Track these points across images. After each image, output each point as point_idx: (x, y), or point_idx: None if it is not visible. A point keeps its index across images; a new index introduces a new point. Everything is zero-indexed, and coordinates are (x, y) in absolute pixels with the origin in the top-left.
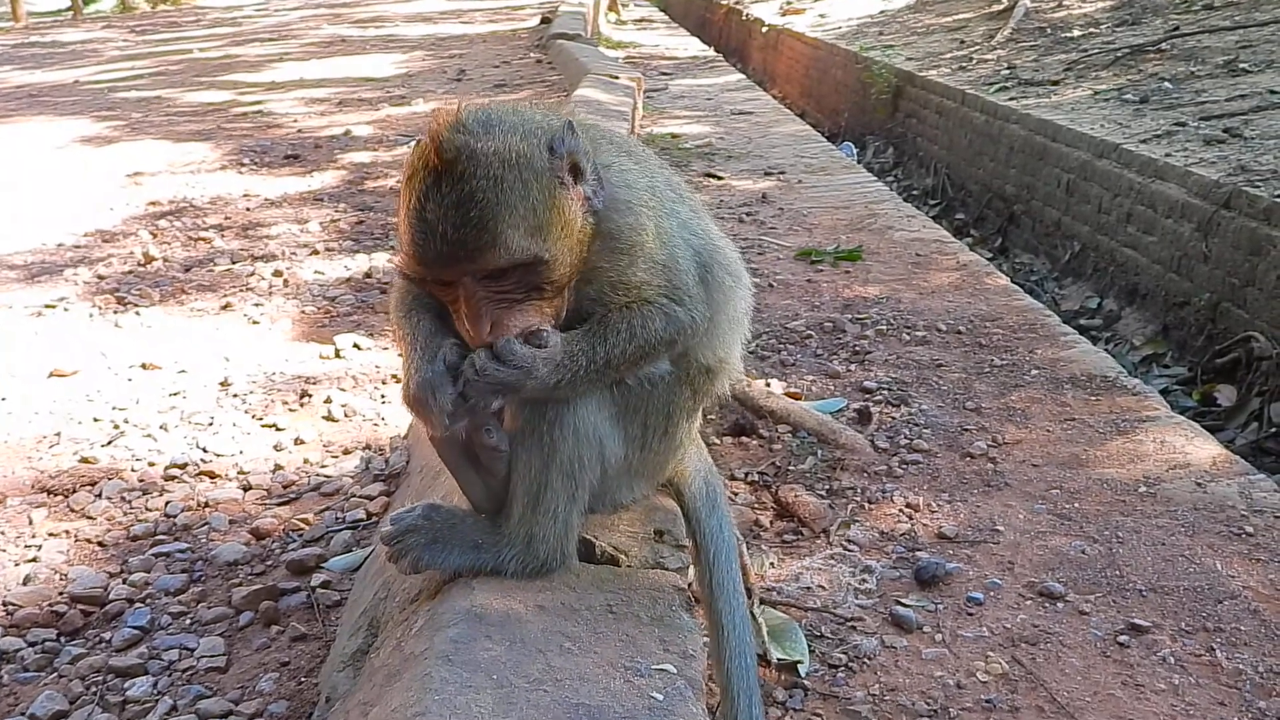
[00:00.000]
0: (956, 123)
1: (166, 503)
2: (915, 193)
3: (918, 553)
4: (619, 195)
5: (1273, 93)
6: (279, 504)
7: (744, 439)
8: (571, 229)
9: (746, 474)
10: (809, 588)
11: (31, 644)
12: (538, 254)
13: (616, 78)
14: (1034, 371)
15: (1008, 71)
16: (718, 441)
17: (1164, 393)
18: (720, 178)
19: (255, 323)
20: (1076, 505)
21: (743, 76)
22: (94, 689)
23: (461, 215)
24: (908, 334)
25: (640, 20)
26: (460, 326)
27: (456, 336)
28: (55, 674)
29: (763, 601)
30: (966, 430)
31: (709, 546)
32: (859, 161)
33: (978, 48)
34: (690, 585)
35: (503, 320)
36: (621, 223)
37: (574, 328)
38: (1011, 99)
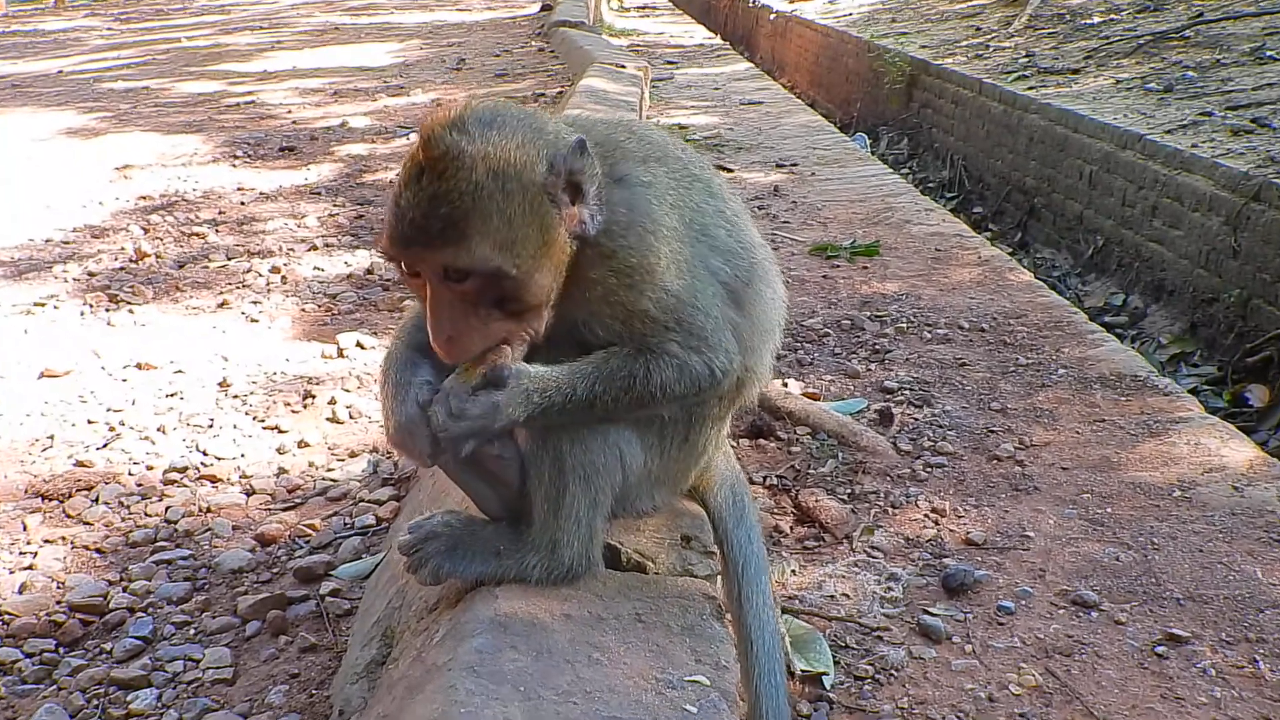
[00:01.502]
0: (973, 113)
1: (166, 508)
2: (931, 185)
3: (944, 559)
4: (625, 216)
5: None
6: (284, 509)
7: (762, 441)
8: (551, 250)
9: (765, 478)
10: (832, 596)
11: (29, 655)
12: (501, 268)
13: (623, 67)
14: (1061, 371)
15: (1026, 59)
16: (734, 444)
17: (1192, 392)
18: (730, 170)
19: (254, 321)
20: (1109, 510)
21: (751, 65)
22: (96, 702)
23: (431, 209)
24: (929, 332)
25: (643, 7)
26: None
27: (434, 362)
28: (55, 686)
29: (785, 610)
30: (992, 432)
31: (737, 558)
32: (873, 153)
33: (994, 35)
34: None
35: (463, 335)
36: (624, 244)
37: (569, 347)
38: (1030, 88)
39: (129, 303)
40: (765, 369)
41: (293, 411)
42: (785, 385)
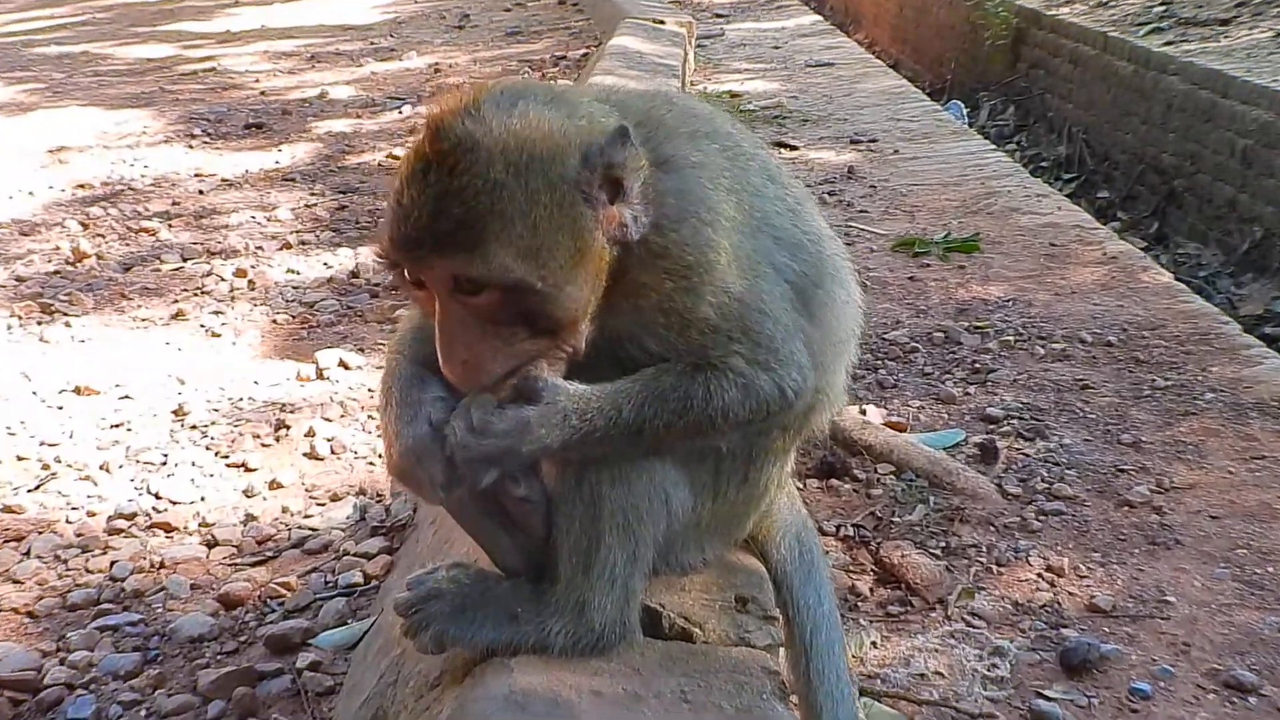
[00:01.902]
0: (1097, 75)
1: (112, 562)
2: (1045, 164)
3: (1063, 630)
4: (676, 206)
5: None
6: (253, 564)
7: (834, 482)
8: (585, 257)
9: (838, 527)
10: (922, 674)
11: None
12: (524, 280)
13: (661, 23)
14: (1208, 395)
15: (1162, 8)
16: (801, 485)
17: None
18: (793, 148)
19: (215, 335)
20: (1270, 569)
21: (819, 18)
22: None
23: (440, 209)
24: (1042, 346)
25: None
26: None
27: (446, 381)
28: None
29: (863, 692)
30: (1122, 471)
31: (805, 625)
32: (971, 125)
33: None
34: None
35: (480, 357)
36: (677, 239)
37: (611, 366)
38: (1168, 44)
39: (65, 314)
40: (838, 391)
41: (263, 445)
42: (863, 412)
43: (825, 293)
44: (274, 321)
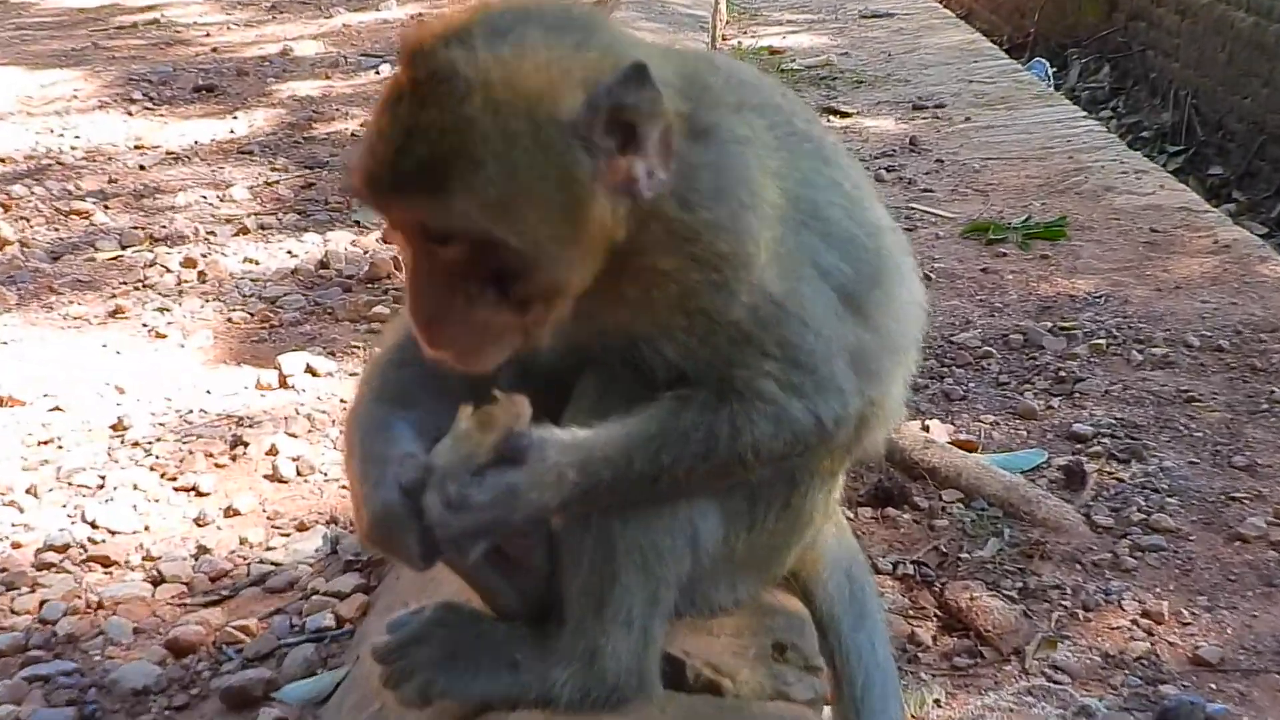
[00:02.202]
0: (1209, 28)
1: (42, 602)
2: (1145, 135)
3: (1161, 686)
4: (713, 182)
5: None
6: (206, 604)
7: (891, 511)
8: (576, 217)
9: (896, 564)
10: None
11: None
12: (493, 234)
13: None
14: None
15: None
16: (852, 515)
17: None
18: (845, 114)
19: (160, 336)
20: None
21: None
22: None
23: (406, 146)
24: (1140, 351)
25: None
26: None
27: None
28: None
29: None
30: (1234, 499)
31: (855, 675)
32: (1057, 88)
33: None
34: None
35: (446, 318)
36: (711, 220)
37: (625, 375)
38: None
39: None
40: (896, 404)
41: (216, 466)
42: (926, 429)
43: (883, 292)
44: (229, 320)
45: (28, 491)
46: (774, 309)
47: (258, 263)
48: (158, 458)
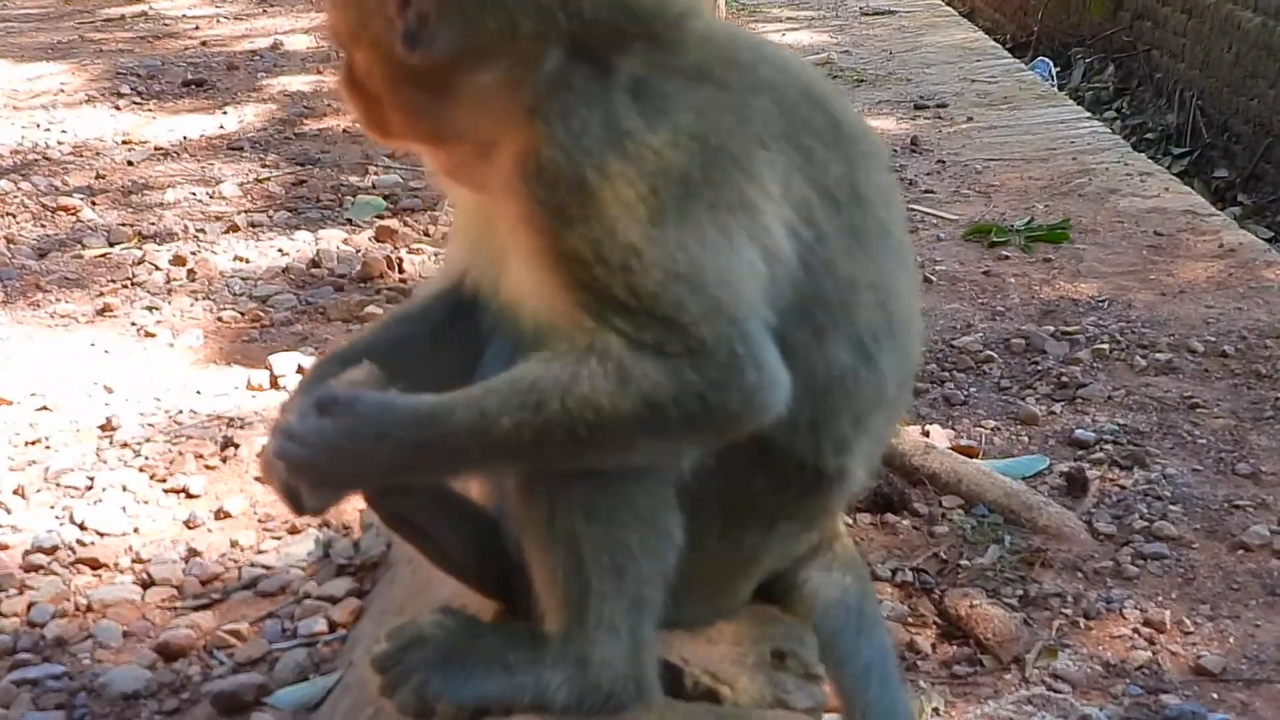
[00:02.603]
0: (1216, 28)
1: (30, 604)
2: (1150, 136)
3: (1163, 696)
4: (589, 114)
5: None
6: (196, 608)
7: (890, 517)
8: (371, 44)
9: (895, 571)
10: None
11: None
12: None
13: None
14: None
15: None
16: (850, 521)
17: None
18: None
19: (149, 335)
20: None
21: None
22: None
23: None
24: (1143, 357)
25: None
26: None
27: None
28: None
29: None
30: (1238, 507)
31: (856, 686)
32: (1061, 88)
33: None
34: None
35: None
36: (564, 141)
37: None
38: None
39: None
40: (860, 468)
41: (207, 468)
42: (926, 434)
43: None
44: (219, 319)
45: (15, 492)
46: (627, 254)
47: (248, 261)
48: (147, 459)
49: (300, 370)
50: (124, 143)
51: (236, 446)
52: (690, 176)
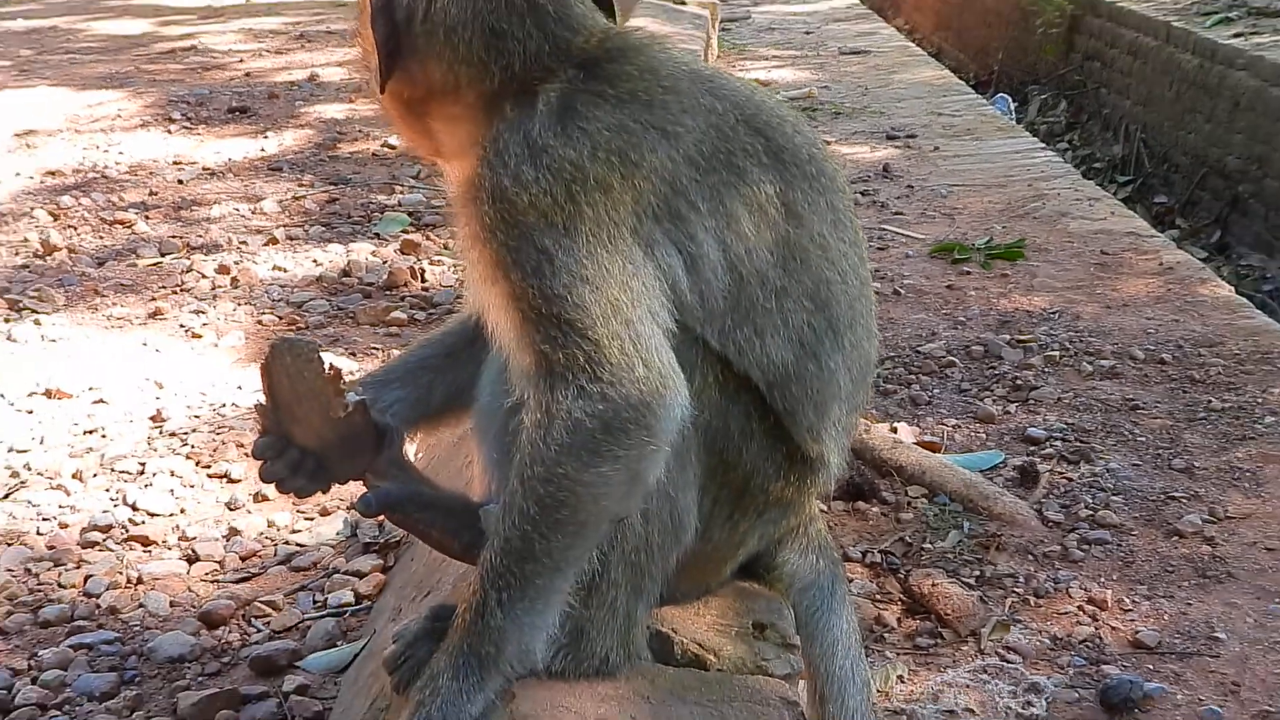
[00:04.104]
0: (1158, 68)
1: (86, 577)
2: (1098, 165)
3: (1104, 667)
4: (523, 140)
5: None
6: (236, 581)
7: (861, 504)
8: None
9: (865, 553)
10: (952, 711)
11: None
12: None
13: (683, 3)
14: (1269, 419)
15: None
16: (825, 508)
17: None
18: (826, 142)
19: (196, 336)
20: None
21: (855, 1)
22: None
23: None
24: (1090, 363)
25: None
26: None
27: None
28: None
29: None
30: (1173, 498)
31: (827, 655)
32: (1019, 121)
33: None
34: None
35: None
36: (503, 164)
37: None
38: (1237, 35)
39: (34, 311)
40: (839, 445)
41: (247, 455)
42: (894, 430)
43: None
44: (259, 322)
45: (74, 477)
46: (540, 259)
47: (286, 270)
48: (193, 447)
49: (332, 369)
50: (175, 163)
51: None
52: (610, 186)
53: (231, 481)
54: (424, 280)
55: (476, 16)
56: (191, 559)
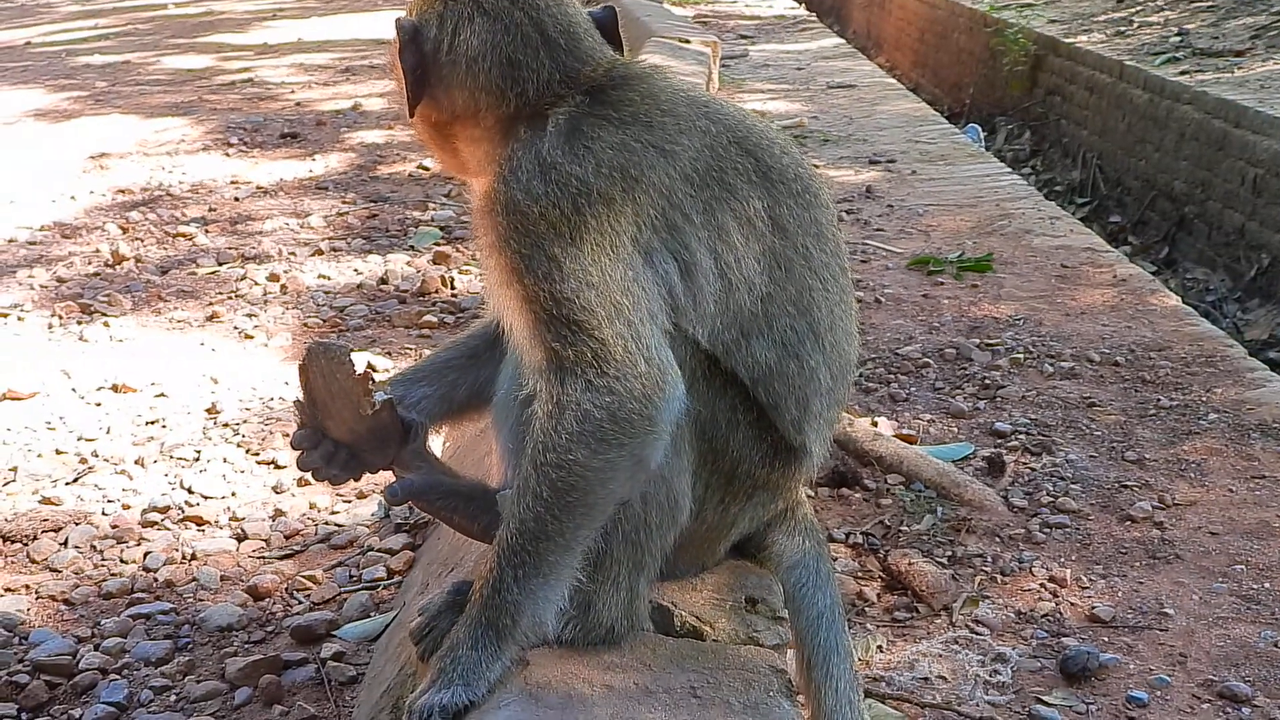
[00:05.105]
0: (1112, 102)
1: (145, 554)
2: (1059, 188)
3: (1064, 639)
4: (535, 159)
5: None
6: (280, 558)
7: (845, 490)
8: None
9: (848, 535)
10: (926, 678)
11: None
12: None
13: (687, 41)
14: (1212, 415)
15: (1178, 38)
16: (812, 493)
17: None
18: (815, 166)
19: (248, 337)
20: (1266, 585)
21: (841, 41)
22: None
23: None
24: (1051, 365)
25: None
26: None
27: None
28: None
29: (868, 694)
30: (1126, 487)
31: (813, 627)
32: (988, 148)
33: (1139, 8)
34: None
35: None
36: (517, 179)
37: None
38: (1183, 73)
39: (104, 314)
40: (819, 444)
41: None
42: (875, 424)
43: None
44: (305, 325)
45: (136, 463)
46: (550, 265)
47: (329, 278)
48: (244, 436)
49: (370, 367)
50: (232, 183)
51: None
52: (612, 199)
53: (278, 468)
54: (453, 288)
55: (495, 49)
56: (241, 537)
